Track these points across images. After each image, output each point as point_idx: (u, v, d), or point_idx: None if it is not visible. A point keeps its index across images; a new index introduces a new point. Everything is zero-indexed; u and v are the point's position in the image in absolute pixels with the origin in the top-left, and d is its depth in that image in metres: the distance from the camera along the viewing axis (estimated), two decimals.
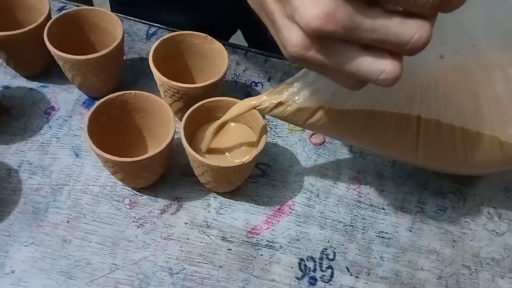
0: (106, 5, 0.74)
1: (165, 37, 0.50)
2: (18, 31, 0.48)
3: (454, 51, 0.37)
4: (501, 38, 0.37)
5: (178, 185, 0.49)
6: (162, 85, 0.48)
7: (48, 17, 0.51)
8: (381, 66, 0.26)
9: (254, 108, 0.42)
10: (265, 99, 0.41)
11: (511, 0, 0.37)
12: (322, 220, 0.49)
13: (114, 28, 0.51)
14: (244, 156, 0.45)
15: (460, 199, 0.52)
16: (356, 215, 0.49)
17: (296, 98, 0.40)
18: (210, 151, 0.46)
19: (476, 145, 0.42)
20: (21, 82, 0.56)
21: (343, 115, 0.40)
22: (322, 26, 0.25)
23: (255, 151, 0.43)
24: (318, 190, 0.51)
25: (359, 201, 0.51)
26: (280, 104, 0.40)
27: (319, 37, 0.26)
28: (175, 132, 0.44)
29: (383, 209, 0.50)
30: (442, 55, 0.37)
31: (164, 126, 0.46)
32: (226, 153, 0.46)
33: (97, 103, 0.44)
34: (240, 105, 0.42)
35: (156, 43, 0.49)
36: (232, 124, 0.48)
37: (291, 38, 0.27)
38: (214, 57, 0.51)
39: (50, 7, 0.51)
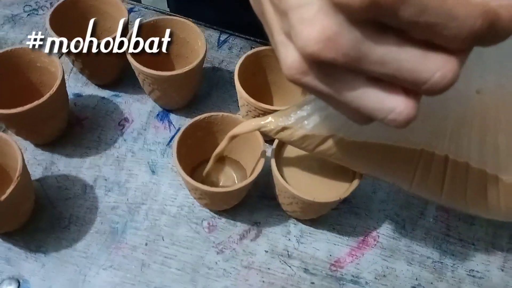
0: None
1: (249, 53, 0.47)
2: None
3: (496, 86, 0.31)
4: None
5: (257, 208, 0.47)
6: (247, 105, 0.45)
7: (126, 26, 0.48)
8: (390, 104, 0.21)
9: (259, 129, 0.37)
10: (271, 120, 0.36)
11: None
12: (409, 255, 0.46)
13: (195, 39, 0.49)
14: (330, 189, 0.42)
15: None
16: (445, 251, 0.46)
17: (306, 123, 0.35)
18: (299, 180, 0.43)
19: (511, 196, 0.36)
20: (92, 90, 0.54)
21: (357, 147, 0.35)
22: (320, 52, 0.20)
23: (350, 187, 0.40)
24: (404, 220, 0.48)
25: (448, 235, 0.47)
26: (286, 128, 0.36)
27: (318, 63, 0.21)
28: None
29: (473, 244, 0.47)
30: (479, 90, 0.31)
31: (251, 149, 0.43)
32: (314, 184, 0.43)
33: (185, 126, 0.41)
34: (244, 125, 0.38)
35: (241, 59, 0.46)
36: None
37: (287, 59, 0.22)
38: None
39: (128, 17, 0.49)
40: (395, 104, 0.21)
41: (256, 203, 0.47)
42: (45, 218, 0.45)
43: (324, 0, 0.20)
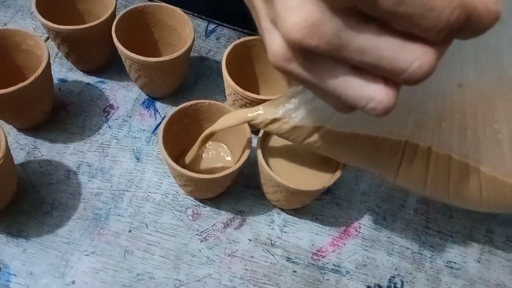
0: None
1: (237, 42, 0.47)
2: (84, 26, 0.46)
3: (475, 80, 0.31)
4: None
5: (241, 197, 0.47)
6: (234, 94, 0.45)
7: (114, 12, 0.48)
8: (370, 92, 0.22)
9: (247, 122, 0.38)
10: (260, 113, 0.36)
11: None
12: (389, 246, 0.47)
13: (182, 27, 0.49)
14: (314, 179, 0.42)
15: None
16: (424, 242, 0.48)
17: (293, 115, 0.35)
18: (284, 169, 0.43)
19: (493, 189, 0.36)
20: (77, 75, 0.53)
21: (344, 138, 0.36)
22: (303, 39, 0.21)
23: (333, 176, 0.41)
24: (385, 212, 0.49)
25: (427, 227, 0.49)
26: (275, 120, 0.36)
27: (301, 50, 0.22)
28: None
29: (451, 236, 0.48)
30: (460, 84, 0.32)
31: (237, 136, 0.43)
32: (298, 174, 0.44)
33: (171, 113, 0.41)
34: (232, 117, 0.38)
35: (229, 48, 0.46)
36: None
37: (272, 46, 0.23)
38: None
39: (116, 2, 0.49)
40: (375, 93, 0.22)
41: (240, 192, 0.48)
42: (27, 203, 0.44)
43: None
